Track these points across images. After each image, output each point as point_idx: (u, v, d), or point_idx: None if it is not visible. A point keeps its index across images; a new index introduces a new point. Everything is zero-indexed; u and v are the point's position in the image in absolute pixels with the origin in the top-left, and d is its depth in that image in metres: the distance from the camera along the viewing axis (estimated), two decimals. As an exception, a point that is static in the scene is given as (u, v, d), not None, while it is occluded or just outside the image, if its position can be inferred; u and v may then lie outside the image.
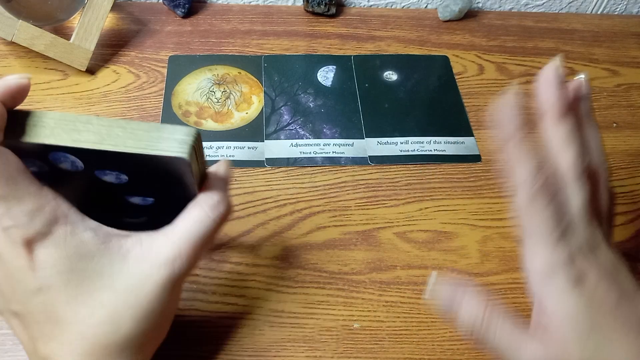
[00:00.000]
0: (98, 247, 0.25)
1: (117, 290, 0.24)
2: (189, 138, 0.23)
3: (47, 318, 0.24)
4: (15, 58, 0.48)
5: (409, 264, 0.37)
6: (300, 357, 0.33)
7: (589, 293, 0.28)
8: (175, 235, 0.26)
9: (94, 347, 0.24)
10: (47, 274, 0.24)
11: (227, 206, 0.27)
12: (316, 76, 0.49)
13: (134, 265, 0.25)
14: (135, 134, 0.23)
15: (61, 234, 0.24)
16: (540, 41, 0.55)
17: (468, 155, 0.44)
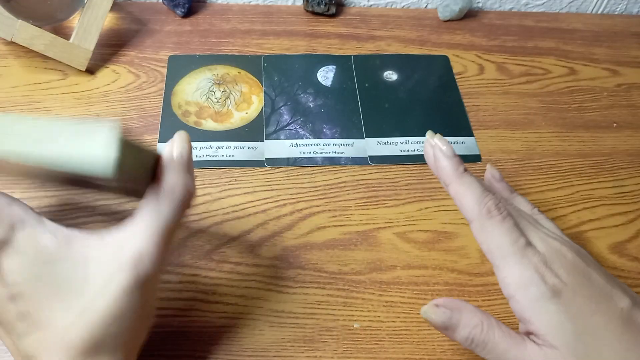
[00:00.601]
0: (59, 250, 0.24)
1: (84, 295, 0.24)
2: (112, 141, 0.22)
3: (25, 324, 0.25)
4: (15, 58, 0.48)
5: (409, 264, 0.37)
6: (300, 357, 0.33)
7: (568, 300, 0.29)
8: (134, 233, 0.25)
9: (70, 350, 0.24)
10: (16, 282, 0.24)
11: (182, 190, 0.26)
12: (316, 76, 0.49)
13: (96, 269, 0.25)
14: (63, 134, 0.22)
15: (21, 240, 0.24)
16: (540, 41, 0.55)
17: (468, 155, 0.44)
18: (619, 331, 0.29)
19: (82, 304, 0.24)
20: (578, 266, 0.30)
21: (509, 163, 0.44)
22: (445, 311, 0.31)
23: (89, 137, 0.22)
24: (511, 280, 0.30)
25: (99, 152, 0.22)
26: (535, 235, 0.31)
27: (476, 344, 0.30)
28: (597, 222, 0.41)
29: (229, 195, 0.40)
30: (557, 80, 0.52)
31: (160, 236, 0.25)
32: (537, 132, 0.47)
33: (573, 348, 0.28)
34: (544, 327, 0.29)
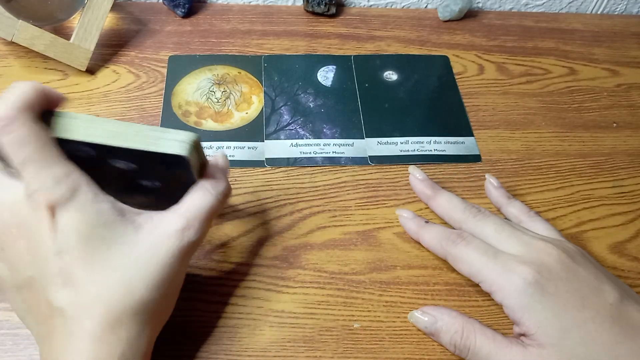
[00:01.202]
0: (114, 217, 0.26)
1: (131, 258, 0.26)
2: (189, 138, 0.27)
3: (65, 280, 0.25)
4: (15, 58, 0.48)
5: (409, 264, 0.37)
6: (300, 357, 0.33)
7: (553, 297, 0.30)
8: (183, 209, 0.28)
9: (109, 309, 0.25)
10: (68, 237, 0.25)
11: (226, 184, 0.30)
12: (316, 76, 0.49)
13: (146, 235, 0.27)
14: (145, 134, 0.26)
15: (83, 200, 0.26)
16: (540, 41, 0.55)
17: (468, 155, 0.44)
18: (608, 325, 0.29)
19: (128, 266, 0.26)
20: (563, 262, 0.31)
21: (508, 163, 0.44)
22: (429, 317, 0.33)
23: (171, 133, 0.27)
24: (495, 288, 0.31)
25: (179, 138, 0.26)
26: (514, 242, 0.33)
27: (459, 350, 0.32)
28: (597, 222, 0.41)
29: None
30: (557, 81, 0.52)
31: (205, 214, 0.28)
32: (537, 132, 0.47)
33: (559, 345, 0.29)
34: (533, 326, 0.30)
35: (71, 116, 0.26)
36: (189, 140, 0.27)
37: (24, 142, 0.25)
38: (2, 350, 0.32)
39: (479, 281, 0.32)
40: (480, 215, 0.35)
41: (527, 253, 0.32)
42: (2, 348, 0.32)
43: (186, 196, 0.29)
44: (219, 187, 0.30)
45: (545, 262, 0.31)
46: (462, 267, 0.33)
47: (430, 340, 0.34)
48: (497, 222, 0.34)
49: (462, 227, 0.35)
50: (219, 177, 0.30)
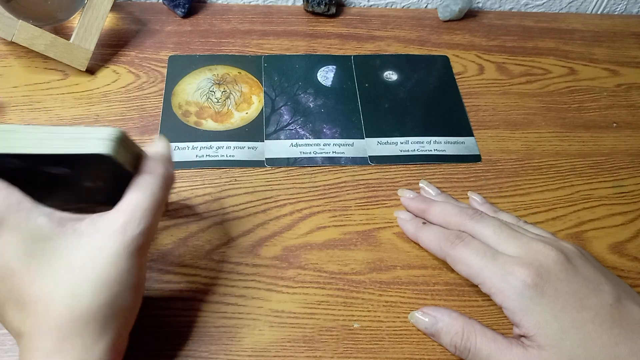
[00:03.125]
0: (53, 230, 0.26)
1: (74, 265, 0.25)
2: (111, 135, 0.26)
3: (15, 301, 0.25)
4: (15, 58, 0.48)
5: (409, 264, 0.37)
6: (300, 357, 0.33)
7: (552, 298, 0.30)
8: (122, 205, 0.27)
9: (58, 323, 0.25)
10: (7, 259, 0.25)
11: (164, 172, 0.29)
12: (316, 76, 0.49)
13: (87, 240, 0.26)
14: (63, 137, 0.25)
15: (14, 220, 0.25)
16: (540, 41, 0.55)
17: (468, 155, 0.44)
18: (607, 325, 0.29)
19: (71, 274, 0.25)
20: (562, 263, 0.31)
21: (509, 163, 0.44)
22: (430, 318, 0.33)
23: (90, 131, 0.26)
24: (494, 290, 0.31)
25: (100, 135, 0.25)
26: (513, 244, 0.33)
27: (460, 351, 0.32)
28: (597, 222, 0.41)
29: (229, 195, 0.40)
30: (557, 80, 0.52)
31: (147, 206, 0.27)
32: (537, 132, 0.47)
33: (559, 346, 0.29)
34: (532, 328, 0.30)
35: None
36: (112, 136, 0.26)
37: None
38: (2, 351, 0.32)
39: (478, 283, 0.32)
40: (477, 217, 0.35)
41: (526, 254, 0.32)
42: (2, 348, 0.32)
43: (126, 191, 0.28)
44: (156, 174, 0.28)
45: (543, 264, 0.31)
46: (461, 269, 0.33)
47: (430, 340, 0.34)
48: (495, 223, 0.34)
49: (461, 230, 0.35)
50: (156, 164, 0.29)
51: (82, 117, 0.44)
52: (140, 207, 0.27)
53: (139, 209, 0.27)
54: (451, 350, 0.32)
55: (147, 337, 0.32)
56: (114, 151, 0.25)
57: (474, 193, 0.40)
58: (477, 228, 0.34)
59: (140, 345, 0.32)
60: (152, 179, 0.28)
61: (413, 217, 0.38)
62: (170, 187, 0.30)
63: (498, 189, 0.42)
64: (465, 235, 0.34)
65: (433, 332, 0.33)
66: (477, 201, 0.40)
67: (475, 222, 0.34)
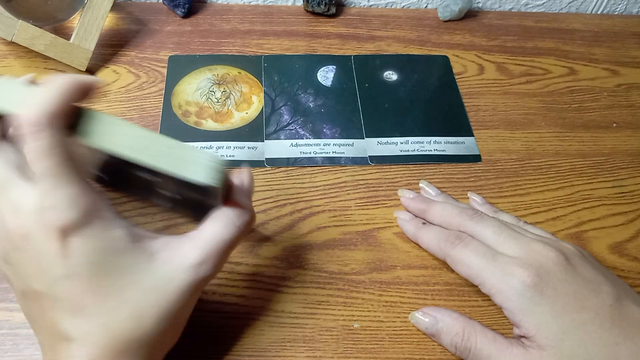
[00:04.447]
0: (127, 245, 0.25)
1: (143, 289, 0.25)
2: (218, 166, 0.25)
3: (72, 304, 0.25)
4: (15, 58, 0.48)
5: (409, 264, 0.37)
6: (300, 357, 0.33)
7: (552, 299, 0.30)
8: (202, 240, 0.27)
9: (114, 340, 0.25)
10: (78, 264, 0.24)
11: (251, 215, 0.29)
12: (316, 76, 0.49)
13: (160, 266, 0.26)
14: (171, 152, 0.25)
15: (96, 226, 0.25)
16: (540, 41, 0.55)
17: (468, 155, 0.44)
18: (607, 325, 0.29)
19: (139, 297, 0.25)
20: (562, 264, 0.31)
21: (509, 163, 0.44)
22: (430, 318, 0.33)
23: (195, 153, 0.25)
24: (494, 291, 0.31)
25: (209, 163, 0.25)
26: (513, 244, 0.33)
27: (460, 351, 0.32)
28: (597, 222, 0.41)
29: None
30: (557, 80, 0.52)
31: (225, 248, 0.27)
32: (537, 132, 0.47)
33: (559, 346, 0.29)
34: (532, 329, 0.30)
35: (98, 118, 0.25)
36: (218, 168, 0.25)
37: (48, 154, 0.23)
38: (2, 350, 0.32)
39: (478, 283, 0.32)
40: (477, 217, 0.35)
41: (526, 255, 0.32)
42: (2, 348, 0.32)
43: (207, 221, 0.27)
44: (244, 217, 0.28)
45: (543, 264, 0.31)
46: (461, 269, 0.33)
47: (430, 340, 0.34)
48: (495, 224, 0.34)
49: (461, 230, 0.35)
50: (245, 206, 0.28)
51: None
52: (219, 249, 0.27)
53: (217, 250, 0.27)
54: (451, 350, 0.32)
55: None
56: (219, 183, 0.25)
57: (474, 194, 0.40)
58: (477, 228, 0.34)
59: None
60: (239, 220, 0.28)
61: (413, 218, 0.38)
62: (250, 229, 0.29)
63: (498, 189, 0.42)
64: (465, 235, 0.34)
65: (433, 332, 0.33)
66: (477, 202, 0.40)
67: (475, 223, 0.34)
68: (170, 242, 0.27)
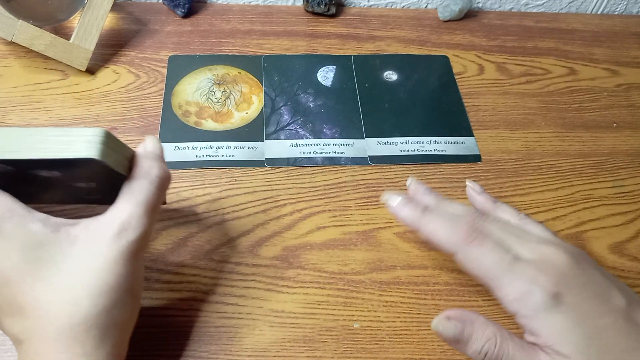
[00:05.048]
0: (47, 236, 0.25)
1: (71, 272, 0.25)
2: (97, 138, 0.25)
3: (13, 309, 0.25)
4: (15, 58, 0.48)
5: (409, 264, 0.37)
6: (300, 357, 0.33)
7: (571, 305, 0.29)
8: (116, 211, 0.27)
9: (59, 330, 0.25)
10: (3, 267, 0.25)
11: (159, 171, 0.28)
12: (316, 76, 0.49)
13: (82, 246, 0.26)
14: (49, 139, 0.25)
15: (8, 228, 0.25)
16: (540, 41, 0.55)
17: (468, 155, 0.44)
18: (625, 331, 0.28)
19: (69, 281, 0.25)
20: (574, 269, 0.30)
21: (509, 163, 0.44)
22: (457, 324, 0.30)
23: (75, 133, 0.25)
24: (511, 297, 0.29)
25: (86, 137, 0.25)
26: (523, 247, 0.31)
27: (489, 358, 0.29)
28: (597, 222, 0.41)
29: (229, 195, 0.40)
30: (557, 80, 0.52)
31: (142, 209, 0.27)
32: (537, 132, 0.47)
33: (585, 353, 0.28)
34: (552, 338, 0.28)
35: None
36: (97, 139, 0.25)
37: None
38: (2, 350, 0.32)
39: (493, 287, 0.30)
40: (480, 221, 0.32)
41: (540, 259, 0.30)
42: (2, 348, 0.32)
43: (120, 194, 0.27)
44: (150, 177, 0.28)
45: (559, 270, 0.29)
46: (472, 267, 0.30)
47: (430, 340, 0.34)
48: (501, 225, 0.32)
49: None
50: (149, 165, 0.28)
51: (82, 117, 0.44)
52: (135, 214, 0.27)
53: (134, 216, 0.26)
54: (478, 358, 0.29)
55: (147, 337, 0.32)
56: (101, 154, 0.25)
57: (472, 182, 0.37)
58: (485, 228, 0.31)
59: (140, 345, 0.32)
60: (146, 182, 0.28)
61: (409, 201, 0.33)
62: (165, 188, 0.29)
63: (498, 189, 0.42)
64: (480, 232, 0.31)
65: (461, 338, 0.29)
66: (475, 190, 0.36)
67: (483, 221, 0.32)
68: (90, 223, 0.27)
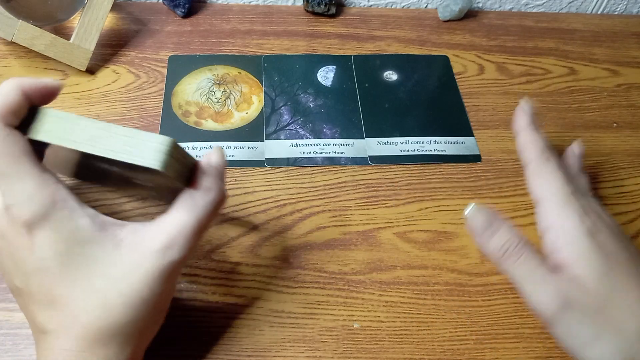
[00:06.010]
0: (93, 234, 0.25)
1: (110, 277, 0.25)
2: (163, 147, 0.24)
3: (45, 298, 0.25)
4: (15, 58, 0.48)
5: (409, 264, 0.37)
6: (300, 357, 0.33)
7: (602, 243, 0.30)
8: (166, 224, 0.26)
9: (86, 330, 0.25)
10: (45, 256, 0.25)
11: (218, 192, 0.27)
12: (316, 76, 0.49)
13: (126, 253, 0.25)
14: (118, 138, 0.24)
15: (58, 217, 0.25)
16: (540, 41, 0.55)
17: (468, 155, 0.44)
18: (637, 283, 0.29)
19: (106, 286, 0.25)
20: (614, 229, 0.31)
21: (509, 163, 0.44)
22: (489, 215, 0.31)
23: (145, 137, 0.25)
24: (553, 213, 0.31)
25: (153, 144, 0.24)
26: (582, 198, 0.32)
27: (509, 254, 0.29)
28: (597, 222, 0.41)
29: (229, 195, 0.40)
30: (557, 80, 0.52)
31: (191, 230, 0.26)
32: (537, 132, 0.47)
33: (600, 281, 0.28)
34: (574, 256, 0.29)
35: (51, 115, 0.25)
36: (164, 148, 0.24)
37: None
38: (2, 350, 0.32)
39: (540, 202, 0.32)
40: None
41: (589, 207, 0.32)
42: (2, 348, 0.32)
43: (173, 205, 0.27)
44: (209, 198, 0.27)
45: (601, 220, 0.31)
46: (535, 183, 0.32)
47: (430, 340, 0.34)
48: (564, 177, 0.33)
49: None
50: (210, 184, 0.27)
51: (82, 117, 0.44)
52: (184, 232, 0.26)
53: (182, 234, 0.26)
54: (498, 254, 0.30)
55: (147, 337, 0.32)
56: (165, 165, 0.24)
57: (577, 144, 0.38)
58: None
59: (140, 345, 0.32)
60: (202, 200, 0.27)
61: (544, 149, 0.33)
62: (219, 210, 0.28)
63: (498, 189, 0.42)
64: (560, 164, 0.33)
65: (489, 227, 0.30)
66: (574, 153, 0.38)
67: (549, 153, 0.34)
68: (137, 229, 0.26)
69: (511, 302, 0.36)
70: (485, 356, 0.34)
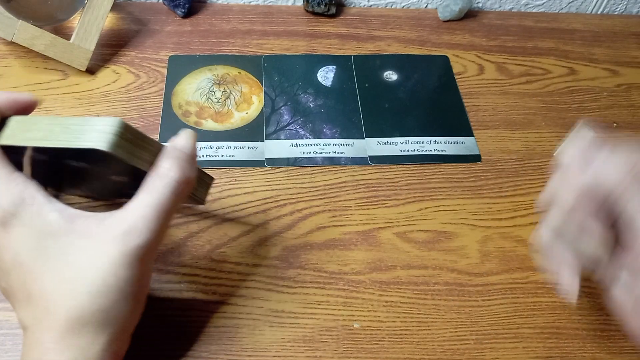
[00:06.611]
0: (62, 226, 0.26)
1: (78, 267, 0.25)
2: (110, 128, 0.24)
3: (22, 295, 0.26)
4: (15, 58, 0.48)
5: (409, 264, 0.37)
6: (300, 357, 0.33)
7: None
8: (129, 210, 0.26)
9: (58, 322, 0.25)
10: (18, 252, 0.25)
11: (179, 174, 0.27)
12: (316, 76, 0.49)
13: (91, 242, 0.26)
14: (69, 128, 0.25)
15: (27, 213, 0.26)
16: (540, 41, 0.55)
17: (468, 155, 0.44)
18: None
19: (74, 276, 0.25)
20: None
21: (509, 163, 0.44)
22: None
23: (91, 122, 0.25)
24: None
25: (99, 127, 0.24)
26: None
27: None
28: (597, 222, 0.41)
29: (229, 195, 0.40)
30: (557, 80, 0.52)
31: (152, 214, 0.26)
32: (537, 132, 0.47)
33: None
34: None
35: (14, 120, 0.26)
36: (110, 129, 0.24)
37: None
38: (2, 350, 0.32)
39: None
40: None
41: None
42: (2, 348, 0.32)
43: (137, 191, 0.26)
44: (167, 179, 0.26)
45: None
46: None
47: (430, 340, 0.34)
48: None
49: None
50: (169, 165, 0.27)
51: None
52: (145, 216, 0.26)
53: (143, 218, 0.26)
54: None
55: (147, 337, 0.32)
56: (111, 146, 0.24)
57: None
58: None
59: (140, 345, 0.32)
60: (163, 183, 0.26)
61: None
62: (185, 193, 0.28)
63: (498, 189, 0.42)
64: None
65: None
66: None
67: None
68: (104, 218, 0.26)
69: (511, 302, 0.36)
70: (485, 356, 0.34)
